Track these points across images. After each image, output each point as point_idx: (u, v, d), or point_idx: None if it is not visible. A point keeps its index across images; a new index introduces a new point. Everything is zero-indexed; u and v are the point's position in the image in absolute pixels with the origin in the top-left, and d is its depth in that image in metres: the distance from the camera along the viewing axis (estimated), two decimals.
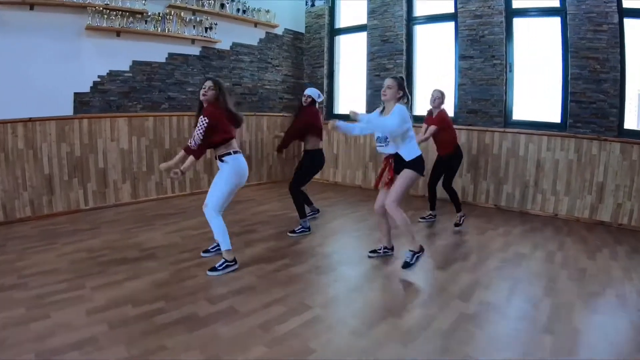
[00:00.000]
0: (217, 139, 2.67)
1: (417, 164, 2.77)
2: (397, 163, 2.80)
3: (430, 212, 4.13)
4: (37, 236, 3.41)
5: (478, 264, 3.00)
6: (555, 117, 4.52)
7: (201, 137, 2.61)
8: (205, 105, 2.71)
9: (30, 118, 3.86)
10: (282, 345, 1.89)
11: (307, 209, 3.92)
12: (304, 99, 3.76)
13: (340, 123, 2.72)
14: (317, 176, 5.95)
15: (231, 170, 2.74)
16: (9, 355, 1.73)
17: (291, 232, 3.61)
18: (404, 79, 2.89)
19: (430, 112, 3.95)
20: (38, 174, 3.94)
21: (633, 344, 2.03)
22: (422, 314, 2.24)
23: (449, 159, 3.90)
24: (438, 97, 3.84)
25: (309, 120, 3.67)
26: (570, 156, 4.33)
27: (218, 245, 2.92)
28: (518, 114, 4.75)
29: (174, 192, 4.97)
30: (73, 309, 2.18)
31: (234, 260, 2.78)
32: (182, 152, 2.71)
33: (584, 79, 4.22)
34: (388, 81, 2.79)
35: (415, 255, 2.78)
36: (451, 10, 4.99)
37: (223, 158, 2.73)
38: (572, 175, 4.34)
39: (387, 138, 2.77)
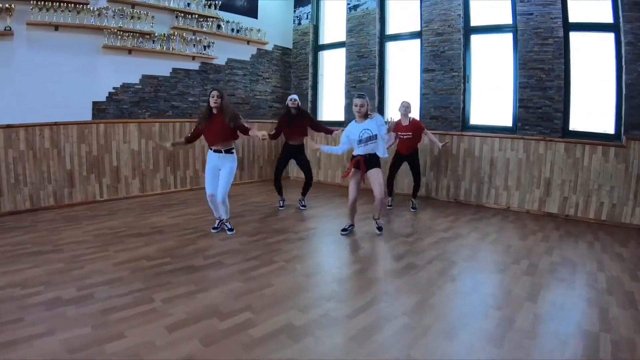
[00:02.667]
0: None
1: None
2: (369, 161, 3.58)
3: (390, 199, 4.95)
4: (63, 219, 4.09)
5: (417, 240, 3.67)
6: (508, 122, 5.11)
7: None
8: (215, 111, 3.46)
9: (56, 122, 4.52)
10: (251, 282, 2.60)
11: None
12: (292, 102, 4.55)
13: (324, 148, 3.83)
14: (302, 175, 6.64)
15: (236, 162, 3.59)
16: (56, 289, 2.43)
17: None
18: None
19: (399, 122, 4.73)
20: (61, 170, 4.60)
21: (509, 299, 2.66)
22: (356, 269, 2.95)
23: (414, 155, 4.80)
24: (409, 107, 4.69)
25: None
26: (520, 155, 4.88)
27: (220, 222, 3.75)
28: (475, 119, 5.38)
29: (176, 187, 5.68)
30: (102, 263, 2.89)
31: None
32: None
33: (531, 87, 4.76)
34: (359, 100, 3.49)
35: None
36: (418, 29, 5.67)
37: (232, 151, 3.55)
38: (521, 172, 4.88)
39: (373, 138, 3.50)
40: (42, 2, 4.29)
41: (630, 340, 1.99)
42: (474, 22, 5.27)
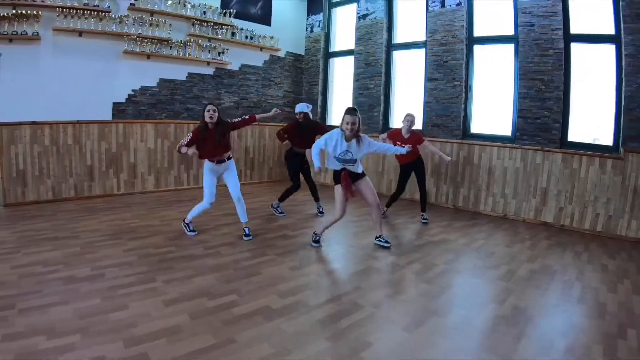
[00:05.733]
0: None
1: None
2: (353, 175, 3.48)
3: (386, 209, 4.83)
4: (81, 210, 4.46)
5: (403, 242, 3.82)
6: (507, 131, 5.20)
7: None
8: (211, 126, 3.44)
9: (78, 121, 4.88)
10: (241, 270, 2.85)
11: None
12: (298, 116, 4.42)
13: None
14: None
15: (234, 162, 3.74)
16: (72, 269, 2.77)
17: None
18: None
19: (399, 131, 4.52)
20: (82, 165, 4.98)
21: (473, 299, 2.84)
22: (335, 266, 3.14)
23: (419, 163, 4.62)
24: (414, 120, 4.49)
25: None
26: (517, 164, 4.96)
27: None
28: (475, 128, 5.50)
29: (189, 184, 6.00)
30: (114, 249, 3.24)
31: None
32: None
33: (530, 97, 4.83)
34: (350, 117, 3.22)
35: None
36: (423, 38, 5.82)
37: (231, 157, 3.67)
38: (518, 181, 4.96)
39: (352, 161, 3.37)
40: (68, 9, 4.67)
41: (586, 347, 2.08)
42: (477, 32, 5.39)
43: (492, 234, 4.32)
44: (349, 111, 3.29)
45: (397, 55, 6.32)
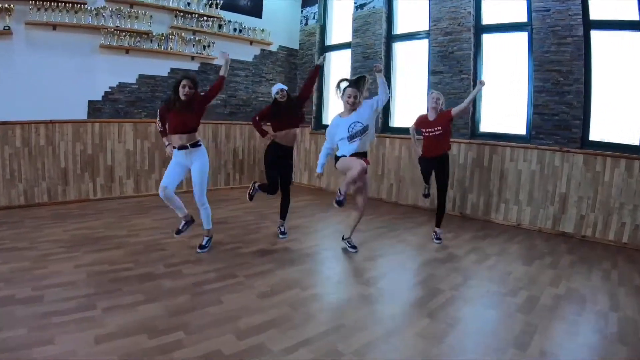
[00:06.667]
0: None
1: None
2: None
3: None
4: (51, 217, 4.13)
5: (401, 261, 3.33)
6: (521, 129, 4.71)
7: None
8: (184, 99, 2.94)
9: (51, 120, 4.58)
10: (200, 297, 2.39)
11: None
12: (281, 94, 3.56)
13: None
14: (304, 181, 6.37)
15: (206, 156, 3.11)
16: (13, 288, 2.41)
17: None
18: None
19: (424, 117, 3.84)
20: (55, 168, 4.67)
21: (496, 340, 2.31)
22: (317, 292, 2.64)
23: (445, 161, 3.83)
24: (440, 99, 3.78)
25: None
26: (533, 167, 4.46)
27: (186, 223, 3.31)
28: (485, 126, 5.01)
29: None
30: (65, 264, 2.86)
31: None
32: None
33: (547, 91, 4.35)
34: (352, 90, 3.06)
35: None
36: (426, 28, 5.36)
37: (199, 143, 3.06)
38: (534, 186, 4.45)
39: (365, 130, 3.04)
40: (41, 2, 4.38)
41: None
42: (486, 20, 4.92)
43: (506, 248, 3.80)
44: (351, 84, 3.14)
45: (397, 47, 5.86)
